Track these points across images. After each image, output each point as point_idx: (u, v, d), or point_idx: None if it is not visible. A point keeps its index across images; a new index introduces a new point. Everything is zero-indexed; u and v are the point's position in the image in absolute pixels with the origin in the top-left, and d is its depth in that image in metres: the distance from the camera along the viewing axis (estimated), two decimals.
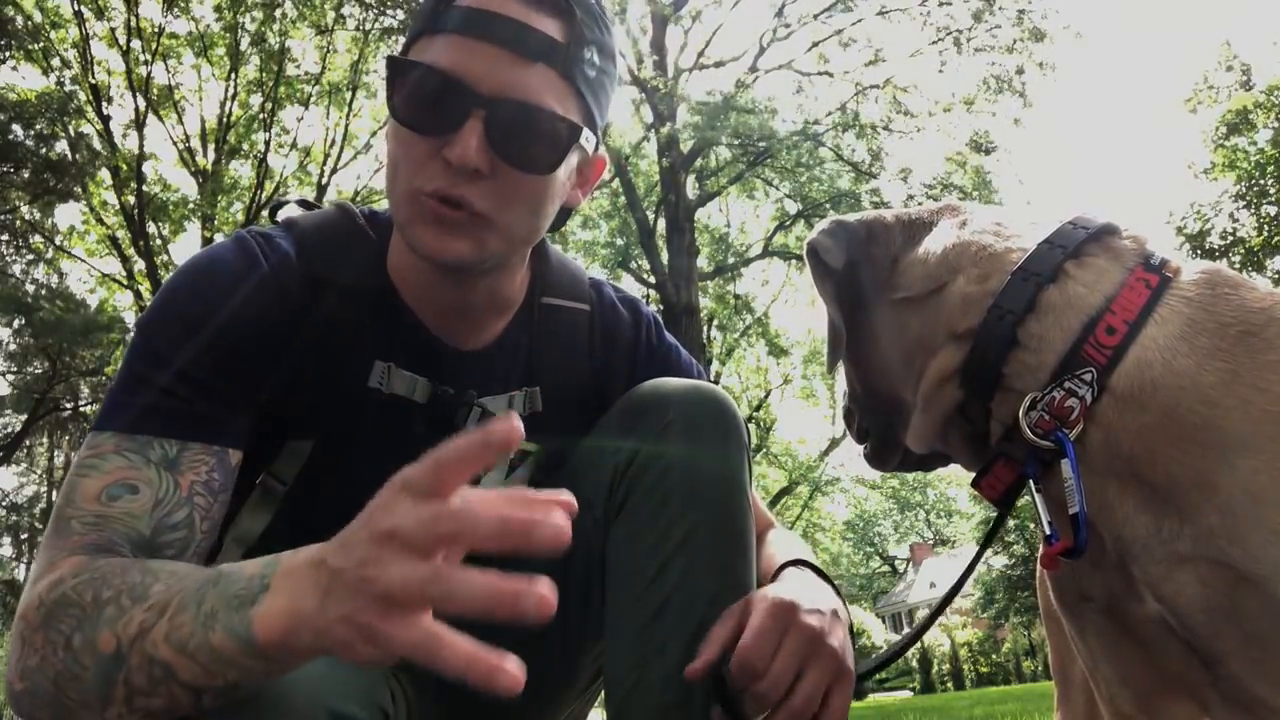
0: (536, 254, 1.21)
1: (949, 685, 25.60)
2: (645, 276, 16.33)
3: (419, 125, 0.96)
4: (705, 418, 1.07)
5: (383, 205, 1.14)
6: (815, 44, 15.40)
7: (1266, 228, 16.88)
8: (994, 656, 26.24)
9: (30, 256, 16.36)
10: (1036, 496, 0.93)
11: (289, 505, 1.09)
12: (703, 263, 16.60)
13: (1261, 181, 16.78)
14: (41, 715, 0.80)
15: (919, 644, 27.32)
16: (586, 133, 1.02)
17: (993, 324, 0.96)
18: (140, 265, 13.93)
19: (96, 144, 13.42)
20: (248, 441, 1.00)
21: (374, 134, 14.53)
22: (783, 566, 1.12)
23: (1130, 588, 0.88)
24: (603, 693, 1.09)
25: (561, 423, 1.19)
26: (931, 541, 42.19)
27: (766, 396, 20.78)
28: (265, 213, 1.20)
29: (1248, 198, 17.08)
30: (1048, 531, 0.90)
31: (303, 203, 1.19)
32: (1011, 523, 24.52)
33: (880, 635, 28.74)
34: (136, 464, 0.91)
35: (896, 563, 44.60)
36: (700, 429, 1.06)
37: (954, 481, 38.77)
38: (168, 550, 0.90)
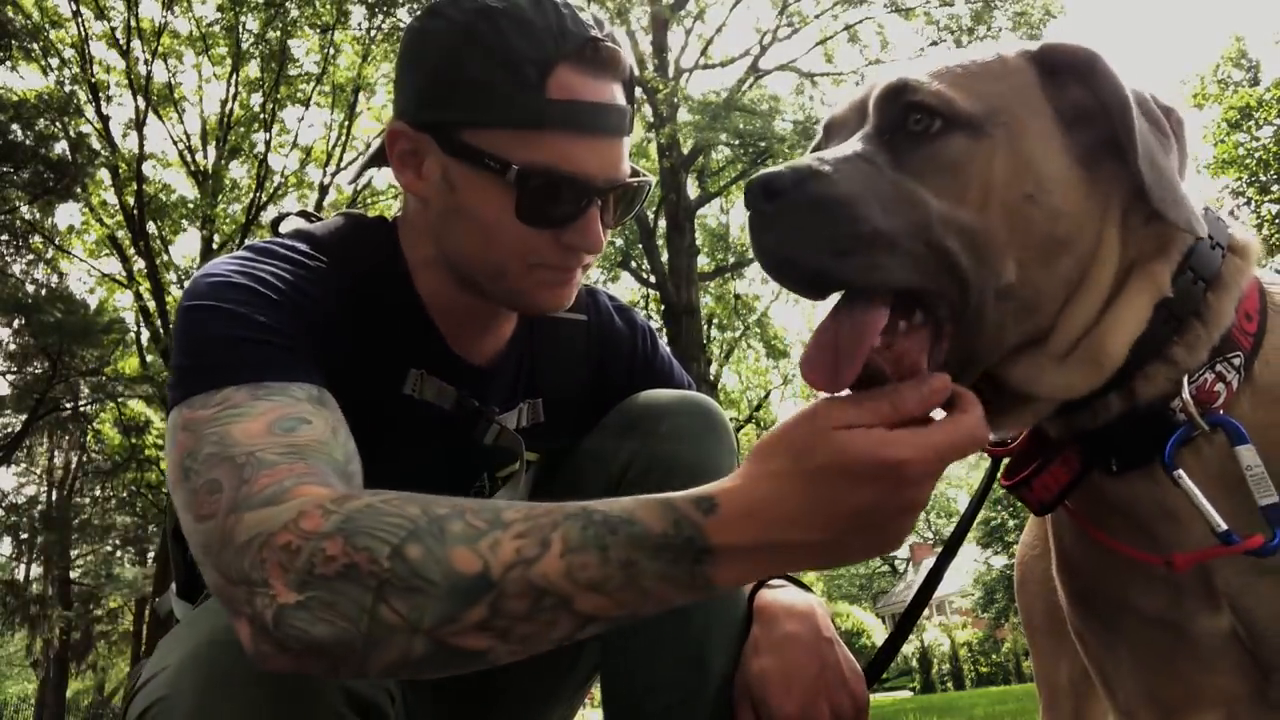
0: None
1: (949, 685, 25.58)
2: (645, 276, 16.34)
3: (545, 222, 1.01)
4: (697, 426, 1.11)
5: (382, 208, 1.15)
6: (820, 41, 15.40)
7: (1265, 226, 16.87)
8: (994, 656, 26.21)
9: (30, 256, 16.36)
10: (1191, 487, 0.80)
11: None
12: (703, 262, 16.61)
13: (1263, 178, 16.78)
14: (321, 631, 0.72)
15: (920, 644, 27.41)
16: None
17: (1186, 288, 0.84)
18: (140, 265, 13.93)
19: (96, 144, 13.41)
20: None
21: (378, 135, 14.52)
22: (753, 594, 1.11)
23: (1208, 599, 0.84)
24: (599, 694, 1.10)
25: (562, 430, 1.22)
26: (931, 541, 42.16)
27: (766, 396, 20.77)
28: (269, 226, 1.20)
29: (1248, 194, 17.08)
30: (1222, 527, 0.78)
31: (303, 214, 1.20)
32: (1011, 522, 24.51)
33: (880, 635, 28.73)
34: (289, 402, 0.87)
35: (896, 563, 44.57)
36: (693, 437, 1.10)
37: (954, 482, 38.74)
38: (354, 480, 0.87)
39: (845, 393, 0.77)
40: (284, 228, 1.14)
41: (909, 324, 0.80)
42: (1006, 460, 0.99)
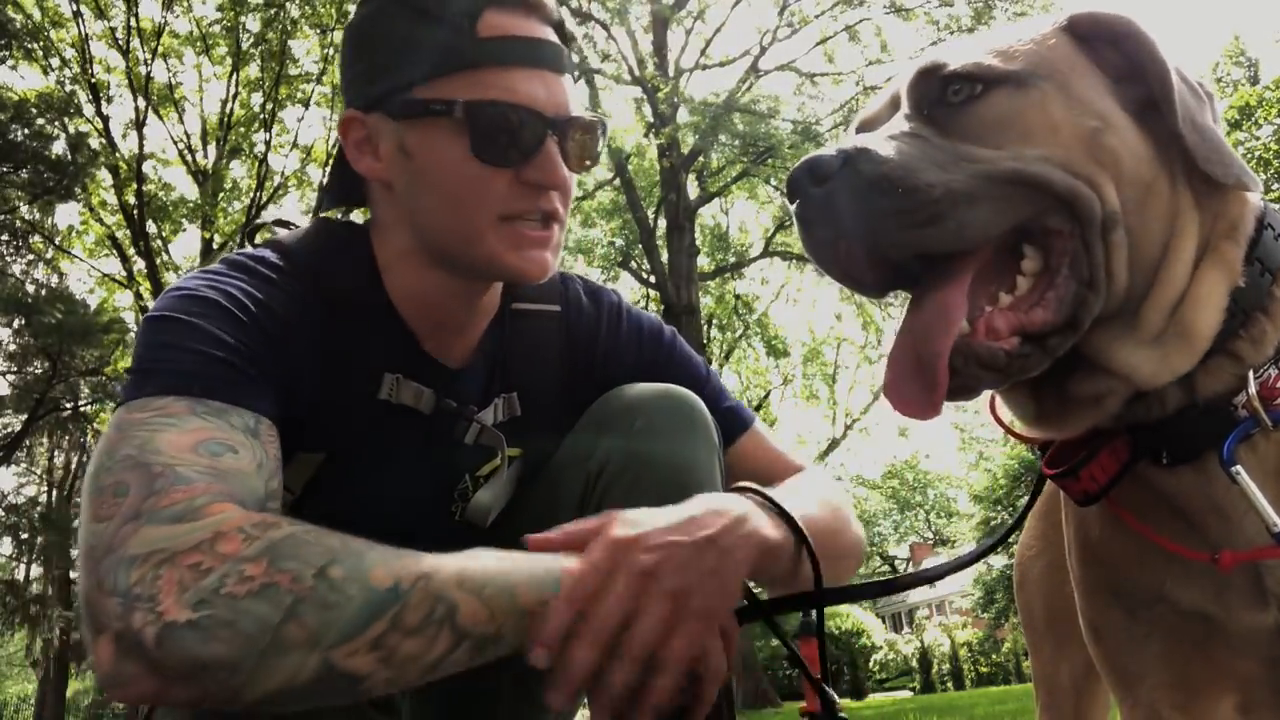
0: None
1: (949, 685, 25.58)
2: (645, 276, 16.34)
3: (502, 159, 1.00)
4: (672, 421, 1.10)
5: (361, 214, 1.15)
6: (820, 41, 15.41)
7: None
8: (994, 656, 26.21)
9: (30, 256, 16.36)
10: (1250, 486, 0.77)
11: (296, 513, 1.09)
12: (703, 262, 16.60)
13: (1263, 176, 16.79)
14: (214, 650, 0.72)
15: (920, 644, 27.39)
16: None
17: (1254, 279, 0.82)
18: (140, 265, 13.92)
19: (96, 144, 13.41)
20: None
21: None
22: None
23: (1255, 596, 0.83)
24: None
25: (542, 424, 1.20)
26: (931, 541, 42.15)
27: (766, 396, 20.77)
28: (245, 235, 1.21)
29: None
30: (1279, 527, 0.76)
31: (279, 223, 1.20)
32: (1011, 522, 24.51)
33: (880, 635, 28.78)
34: (222, 427, 0.87)
35: (896, 563, 44.59)
36: (668, 433, 1.08)
37: (954, 482, 38.75)
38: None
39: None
40: (259, 238, 1.15)
41: (1012, 294, 0.79)
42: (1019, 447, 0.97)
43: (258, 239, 1.14)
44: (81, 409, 18.24)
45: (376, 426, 1.08)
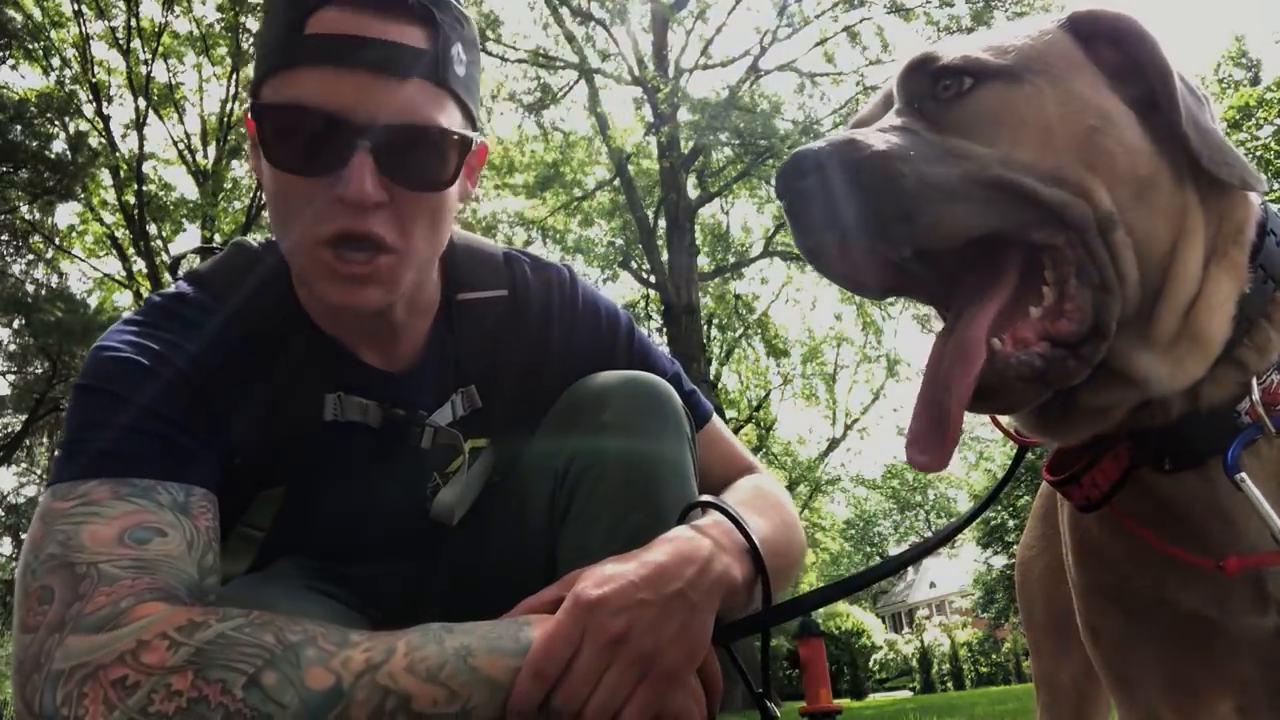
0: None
1: (949, 685, 25.59)
2: (645, 276, 16.34)
3: (303, 169, 0.90)
4: (641, 413, 1.06)
5: None
6: (820, 42, 15.41)
7: None
8: (994, 656, 26.22)
9: (30, 256, 16.37)
10: (1255, 493, 0.77)
11: (267, 546, 1.09)
12: (703, 262, 16.60)
13: (1264, 177, 16.77)
14: None
15: (920, 644, 27.42)
16: (475, 136, 0.98)
17: (1258, 286, 0.81)
18: (140, 265, 13.92)
19: (96, 144, 13.42)
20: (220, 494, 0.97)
21: None
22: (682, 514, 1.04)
23: (1257, 600, 0.83)
24: None
25: (506, 413, 1.18)
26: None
27: (766, 396, 20.78)
28: (168, 272, 1.20)
29: None
30: None
31: (201, 250, 1.17)
32: (1011, 522, 24.55)
33: (880, 635, 28.78)
34: (148, 508, 0.85)
35: None
36: (637, 426, 1.05)
37: (953, 482, 38.76)
38: (209, 596, 0.87)
39: None
40: (182, 269, 1.12)
41: (1039, 307, 0.77)
42: (1029, 454, 0.97)
43: (181, 270, 1.11)
44: None
45: (330, 449, 1.06)
